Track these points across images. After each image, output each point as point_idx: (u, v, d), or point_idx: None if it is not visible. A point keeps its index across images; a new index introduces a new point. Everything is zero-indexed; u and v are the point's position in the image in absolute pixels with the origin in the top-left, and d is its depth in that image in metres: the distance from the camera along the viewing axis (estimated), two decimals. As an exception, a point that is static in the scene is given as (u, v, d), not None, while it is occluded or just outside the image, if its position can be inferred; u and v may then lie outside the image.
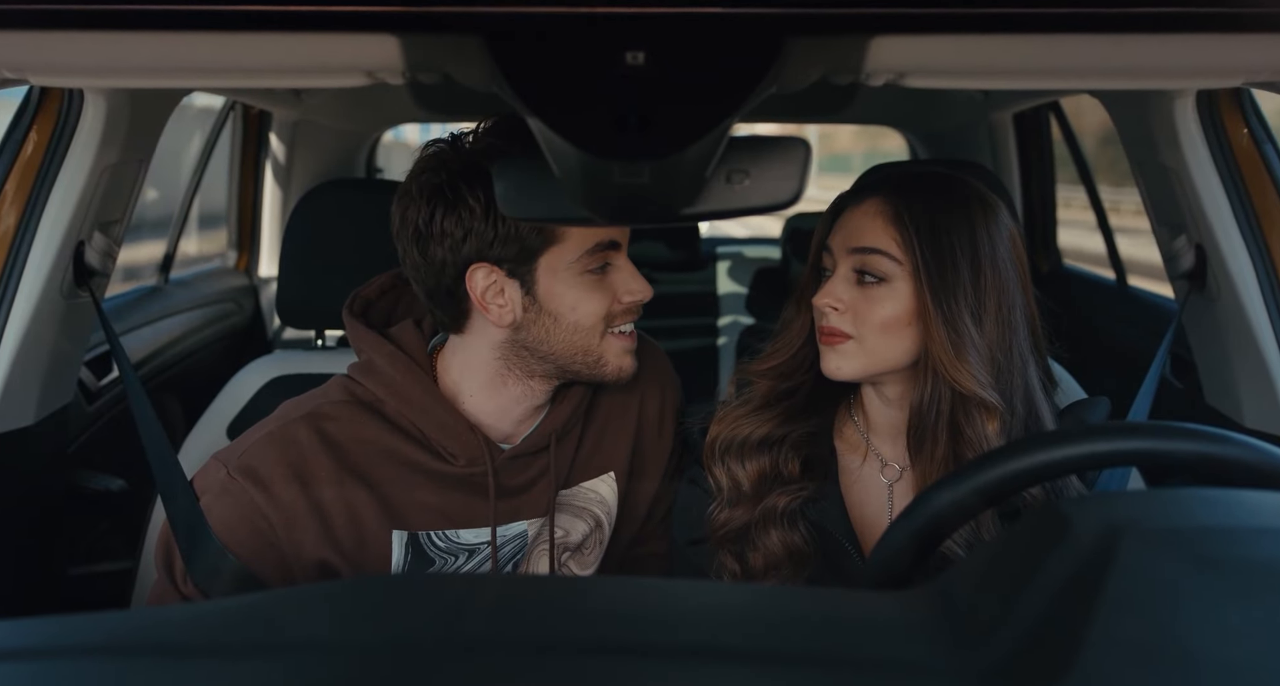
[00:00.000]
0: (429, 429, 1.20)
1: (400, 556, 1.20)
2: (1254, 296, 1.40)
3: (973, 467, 0.82)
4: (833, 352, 1.16)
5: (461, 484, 1.22)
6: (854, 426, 1.26)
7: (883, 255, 1.13)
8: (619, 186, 0.75)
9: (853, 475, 1.24)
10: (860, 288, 1.15)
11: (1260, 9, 0.75)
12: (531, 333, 1.18)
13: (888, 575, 0.81)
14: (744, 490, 1.21)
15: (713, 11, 0.68)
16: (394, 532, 1.20)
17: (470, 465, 1.21)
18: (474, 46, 0.70)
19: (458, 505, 1.22)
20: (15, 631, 0.52)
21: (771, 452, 1.21)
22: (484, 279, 1.16)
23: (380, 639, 0.50)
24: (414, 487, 1.20)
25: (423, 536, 1.21)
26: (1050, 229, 2.78)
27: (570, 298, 1.17)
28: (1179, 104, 1.41)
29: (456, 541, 1.23)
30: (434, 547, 1.22)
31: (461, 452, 1.21)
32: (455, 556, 1.23)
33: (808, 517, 1.20)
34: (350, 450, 1.19)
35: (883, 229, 1.14)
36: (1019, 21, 0.72)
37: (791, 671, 0.48)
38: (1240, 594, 0.51)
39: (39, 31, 0.76)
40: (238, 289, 2.75)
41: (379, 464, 1.19)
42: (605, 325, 1.19)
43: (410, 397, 1.21)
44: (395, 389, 1.21)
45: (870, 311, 1.13)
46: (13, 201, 1.42)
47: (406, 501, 1.20)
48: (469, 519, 1.22)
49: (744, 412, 1.23)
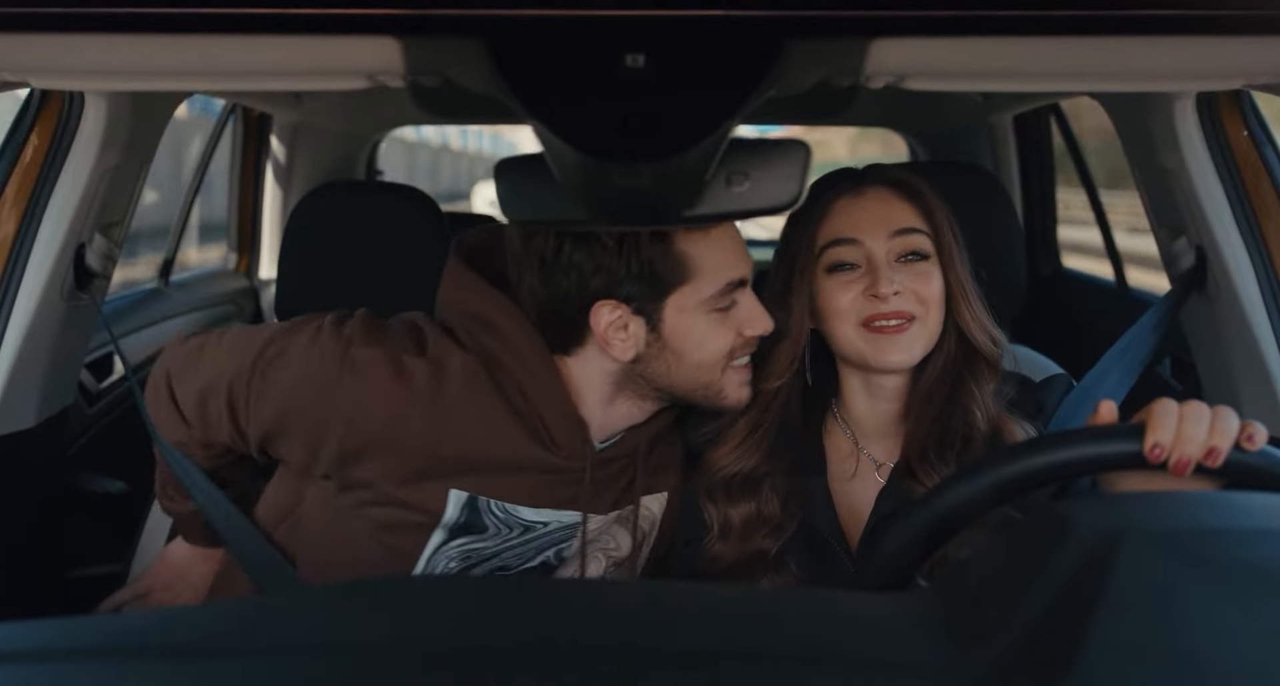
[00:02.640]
0: (547, 411, 1.16)
1: (455, 513, 1.17)
2: (1253, 297, 1.40)
3: (976, 469, 0.83)
4: (898, 340, 1.15)
5: (553, 472, 1.19)
6: (841, 432, 1.25)
7: (921, 233, 1.17)
8: (619, 189, 0.75)
9: (844, 480, 1.23)
10: (907, 267, 1.16)
11: (1259, 12, 0.75)
12: (652, 366, 1.15)
13: (886, 575, 0.81)
14: (734, 527, 1.20)
15: (712, 14, 0.68)
16: (451, 491, 1.16)
17: (569, 459, 1.18)
18: (474, 49, 0.70)
19: (532, 484, 1.19)
20: (15, 633, 0.52)
21: (751, 496, 1.20)
22: (609, 314, 1.12)
23: (380, 639, 0.50)
24: (501, 465, 1.17)
25: (484, 502, 1.18)
26: (1050, 231, 2.78)
27: (697, 335, 1.13)
28: (1179, 106, 1.41)
29: (515, 514, 1.20)
30: (491, 514, 1.19)
31: (566, 444, 1.17)
32: (510, 528, 1.20)
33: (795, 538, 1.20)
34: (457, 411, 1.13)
35: (910, 210, 1.18)
36: (1019, 24, 0.72)
37: (791, 671, 0.48)
38: (1240, 595, 0.51)
39: (40, 34, 0.76)
40: (238, 291, 2.75)
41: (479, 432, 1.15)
42: (727, 360, 1.16)
43: (537, 374, 1.16)
44: (523, 360, 1.15)
45: (927, 288, 1.16)
46: (13, 204, 1.42)
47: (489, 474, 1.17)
48: (534, 499, 1.19)
49: (729, 448, 1.22)
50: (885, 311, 1.14)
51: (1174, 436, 0.82)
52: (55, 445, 1.59)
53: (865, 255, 1.16)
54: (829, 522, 1.20)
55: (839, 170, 1.25)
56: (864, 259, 1.16)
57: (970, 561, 0.62)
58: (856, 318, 1.16)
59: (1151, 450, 0.81)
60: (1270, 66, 0.87)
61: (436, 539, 1.19)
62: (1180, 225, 1.49)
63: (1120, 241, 2.47)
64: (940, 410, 1.16)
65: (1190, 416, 0.83)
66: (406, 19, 0.71)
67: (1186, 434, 0.82)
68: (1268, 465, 0.82)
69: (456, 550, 1.20)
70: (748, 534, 1.19)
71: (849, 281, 1.16)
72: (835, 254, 1.17)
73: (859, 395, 1.23)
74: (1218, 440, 0.82)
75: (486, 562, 1.22)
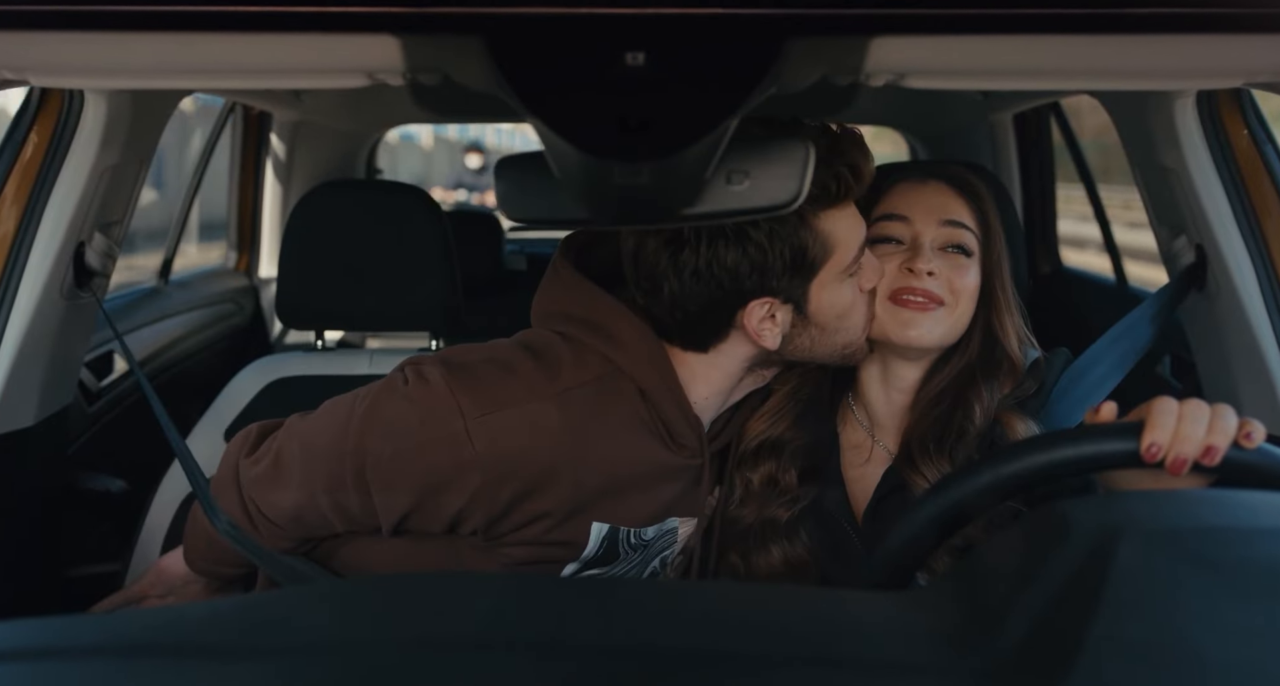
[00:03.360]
0: (670, 414, 1.14)
1: (595, 546, 1.14)
2: (1254, 296, 1.40)
3: (975, 467, 0.83)
4: (920, 317, 1.18)
5: (678, 475, 1.17)
6: (856, 422, 1.27)
7: (969, 230, 1.21)
8: (619, 187, 0.75)
9: (857, 467, 1.26)
10: (946, 256, 1.20)
11: (1260, 10, 0.75)
12: (796, 344, 1.15)
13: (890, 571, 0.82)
14: (754, 491, 1.23)
15: (712, 12, 0.68)
16: (594, 524, 1.13)
17: (692, 456, 1.17)
18: (474, 47, 0.70)
19: (667, 497, 1.17)
20: (15, 632, 0.52)
21: (776, 458, 1.23)
22: (760, 310, 1.11)
23: (380, 639, 0.50)
24: (639, 480, 1.14)
25: (622, 532, 1.15)
26: (1050, 229, 2.78)
27: (840, 306, 1.14)
28: (1179, 105, 1.41)
29: (645, 539, 1.18)
30: (625, 544, 1.16)
31: (690, 442, 1.16)
32: (638, 551, 1.18)
33: (811, 509, 1.21)
34: (595, 439, 1.10)
35: (964, 207, 1.22)
36: (1019, 22, 0.72)
37: (791, 671, 0.48)
38: (1239, 594, 0.51)
39: (40, 32, 0.76)
40: (238, 290, 2.75)
41: (618, 452, 1.12)
42: (869, 320, 1.18)
43: (659, 377, 1.14)
44: (644, 365, 1.13)
45: (962, 280, 1.19)
46: (13, 202, 1.41)
47: (627, 494, 1.14)
48: (664, 514, 1.18)
49: (762, 415, 1.25)
50: (916, 287, 1.17)
51: (1172, 435, 0.82)
52: (55, 444, 1.59)
53: (912, 234, 1.20)
54: (839, 504, 1.23)
55: (908, 161, 1.29)
56: (910, 237, 1.20)
57: (971, 561, 0.62)
58: (887, 289, 1.19)
59: (1148, 449, 0.82)
60: (1270, 64, 0.87)
61: (569, 571, 1.17)
62: (1180, 224, 1.49)
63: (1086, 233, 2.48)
64: (946, 403, 1.19)
65: (1189, 415, 0.83)
66: (406, 17, 0.71)
67: (1184, 433, 0.82)
68: (1265, 463, 0.82)
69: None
70: (764, 498, 1.22)
71: (889, 254, 1.20)
72: (883, 227, 1.21)
73: (875, 384, 1.26)
74: (1215, 438, 0.82)
75: None
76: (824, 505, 1.23)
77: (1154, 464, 0.82)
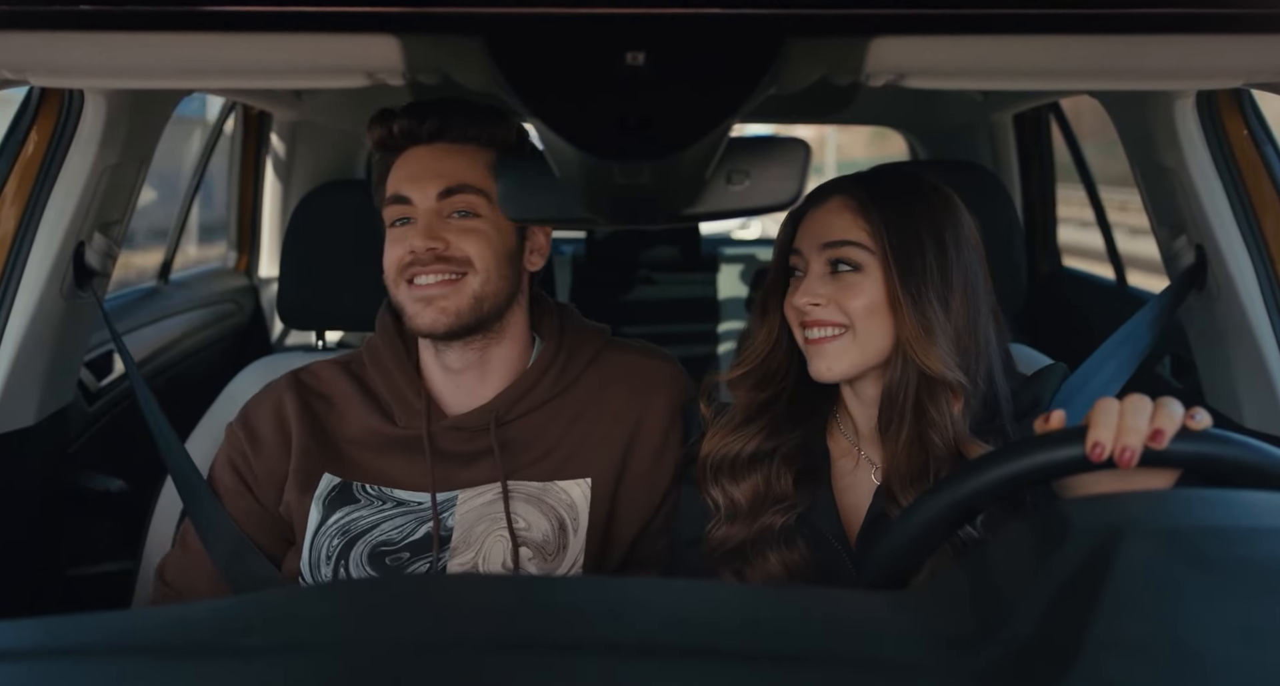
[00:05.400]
0: (385, 391, 1.31)
1: (324, 492, 1.28)
2: (1254, 296, 1.40)
3: (935, 489, 0.84)
4: (823, 352, 1.17)
5: (402, 446, 1.29)
6: (842, 434, 1.27)
7: (854, 245, 1.16)
8: (619, 187, 0.75)
9: (845, 478, 1.25)
10: (835, 279, 1.17)
11: (1260, 10, 0.75)
12: None
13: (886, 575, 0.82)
14: (740, 508, 1.21)
15: (712, 12, 0.68)
16: (325, 474, 1.29)
17: (406, 428, 1.29)
18: (474, 47, 0.70)
19: (399, 466, 1.29)
20: (15, 631, 0.52)
21: (763, 469, 1.21)
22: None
23: (380, 638, 0.50)
24: (364, 448, 1.30)
25: (356, 485, 1.29)
26: (1050, 230, 2.78)
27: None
28: (1179, 105, 1.41)
29: (390, 494, 1.29)
30: (364, 493, 1.29)
31: (402, 415, 1.30)
32: (384, 501, 1.28)
33: (802, 524, 1.20)
34: (316, 401, 1.33)
35: (851, 221, 1.17)
36: (1019, 22, 0.72)
37: (791, 671, 0.48)
38: (1240, 593, 0.51)
39: (40, 32, 0.76)
40: (238, 289, 2.75)
41: (337, 416, 1.32)
42: (397, 275, 1.26)
43: (379, 360, 1.33)
44: (372, 353, 1.34)
45: (851, 299, 1.16)
46: (13, 202, 1.41)
47: (353, 455, 1.30)
48: (406, 481, 1.28)
49: (729, 429, 1.23)
50: (809, 320, 1.17)
51: (1115, 431, 0.82)
52: (55, 443, 1.59)
53: (805, 264, 1.19)
54: (830, 518, 1.21)
55: (835, 180, 1.27)
56: (805, 268, 1.19)
57: (971, 561, 0.62)
58: (796, 321, 1.19)
59: (1092, 449, 0.82)
60: (1271, 64, 0.87)
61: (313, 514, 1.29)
62: (1180, 224, 1.49)
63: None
64: (910, 434, 1.16)
65: (1130, 409, 0.84)
66: (406, 17, 0.71)
67: (1127, 425, 0.82)
68: (1220, 448, 0.82)
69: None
70: (756, 511, 1.20)
71: (794, 287, 1.20)
72: (790, 261, 1.21)
73: (849, 396, 1.25)
74: (1160, 423, 0.83)
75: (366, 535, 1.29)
76: (815, 522, 1.21)
77: (1102, 463, 0.82)
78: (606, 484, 1.31)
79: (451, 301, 1.23)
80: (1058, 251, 2.77)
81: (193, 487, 1.32)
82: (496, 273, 1.26)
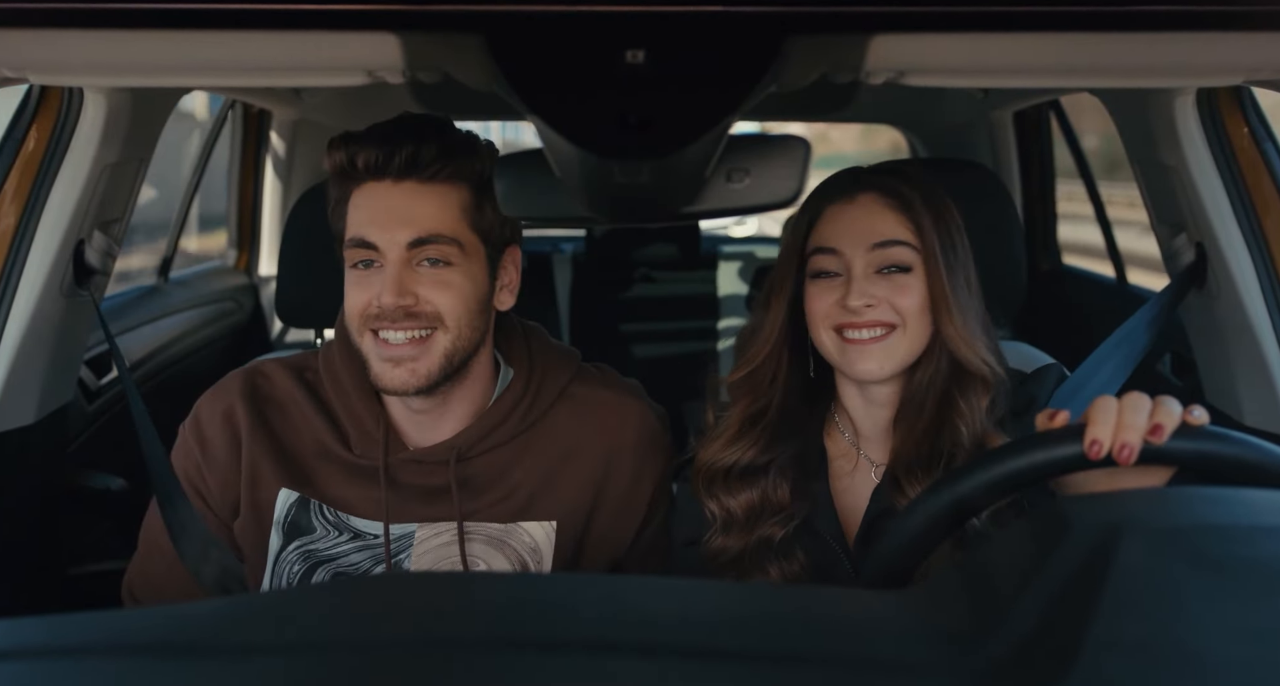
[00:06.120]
0: (342, 413, 1.25)
1: (281, 514, 1.23)
2: (1254, 294, 1.40)
3: (935, 488, 0.84)
4: (869, 353, 1.15)
5: (359, 473, 1.23)
6: (840, 434, 1.26)
7: (903, 245, 1.16)
8: (619, 185, 0.75)
9: (843, 479, 1.24)
10: (885, 279, 1.16)
11: (1260, 7, 0.75)
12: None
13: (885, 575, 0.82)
14: (736, 519, 1.20)
15: (712, 10, 0.68)
16: (282, 490, 1.23)
17: (363, 456, 1.23)
18: (474, 45, 0.70)
19: (355, 493, 1.23)
20: (15, 630, 0.52)
21: (759, 481, 1.19)
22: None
23: (380, 638, 0.50)
24: (319, 463, 1.24)
25: (313, 504, 1.23)
26: (1050, 227, 2.78)
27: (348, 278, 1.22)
28: (1179, 102, 1.41)
29: (346, 521, 1.24)
30: (321, 517, 1.23)
31: (359, 441, 1.24)
32: (341, 532, 1.23)
33: (800, 527, 1.20)
34: (269, 409, 1.25)
35: (896, 220, 1.16)
36: (1019, 20, 0.72)
37: (791, 671, 0.48)
38: (1241, 592, 0.51)
39: (39, 30, 0.76)
40: (237, 288, 2.75)
41: (292, 428, 1.24)
42: (361, 323, 1.19)
43: (337, 379, 1.25)
44: (330, 369, 1.26)
45: (904, 298, 1.15)
46: (13, 200, 1.41)
47: (309, 468, 1.24)
48: (363, 509, 1.23)
49: (725, 441, 1.21)
50: (857, 322, 1.15)
51: (1113, 428, 0.82)
52: (55, 442, 1.59)
53: (844, 265, 1.16)
54: (828, 519, 1.20)
55: (842, 172, 1.25)
56: (843, 268, 1.16)
57: (971, 559, 0.62)
58: (831, 323, 1.17)
59: (1090, 447, 0.82)
60: (1271, 62, 0.87)
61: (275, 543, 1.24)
62: (1180, 222, 1.49)
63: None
64: (929, 424, 1.16)
65: (1129, 406, 0.84)
66: (406, 14, 0.71)
67: (1126, 422, 0.83)
68: (1216, 445, 0.82)
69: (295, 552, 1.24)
70: (752, 522, 1.19)
71: (828, 288, 1.17)
72: (818, 262, 1.18)
73: (854, 398, 1.23)
74: (1160, 419, 0.83)
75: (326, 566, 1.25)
76: (814, 524, 1.20)
77: (1101, 460, 0.82)
78: (573, 527, 1.26)
79: (422, 363, 1.16)
80: (1058, 249, 2.77)
81: (168, 488, 1.27)
82: (468, 326, 1.18)
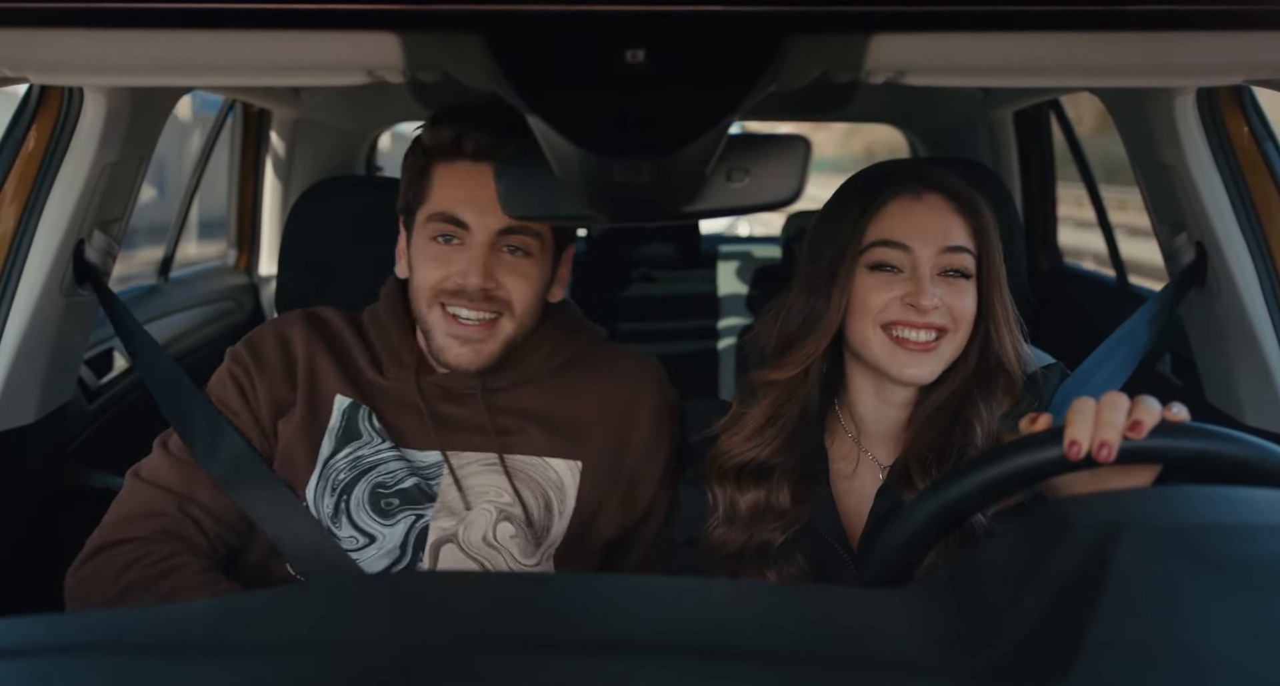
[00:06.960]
0: (377, 343, 1.31)
1: (337, 421, 1.28)
2: (1254, 294, 1.40)
3: (922, 496, 0.84)
4: (923, 358, 1.14)
5: (393, 399, 1.28)
6: (843, 435, 1.25)
7: (968, 253, 1.16)
8: (619, 184, 0.75)
9: (844, 481, 1.23)
10: (947, 282, 1.15)
11: (1260, 7, 0.75)
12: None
13: (885, 573, 0.82)
14: (740, 514, 1.20)
15: (712, 9, 0.68)
16: (338, 395, 1.28)
17: (395, 379, 1.29)
18: (474, 44, 0.70)
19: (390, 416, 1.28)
20: (15, 629, 0.52)
21: (767, 482, 1.19)
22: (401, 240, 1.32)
23: (380, 637, 0.50)
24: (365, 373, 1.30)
25: (363, 410, 1.28)
26: (1050, 227, 2.78)
27: (417, 252, 1.27)
28: (1179, 101, 1.41)
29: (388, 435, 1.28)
30: (369, 424, 1.28)
31: (391, 366, 1.30)
32: (384, 438, 1.27)
33: (802, 530, 1.19)
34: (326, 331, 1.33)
35: (962, 226, 1.17)
36: (1019, 19, 0.72)
37: (791, 671, 0.48)
38: (1241, 591, 0.51)
39: (39, 29, 0.76)
40: (237, 287, 2.74)
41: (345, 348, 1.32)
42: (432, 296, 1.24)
43: (377, 316, 1.33)
44: (373, 316, 1.34)
45: (962, 304, 1.15)
46: (13, 199, 1.41)
47: (361, 380, 1.30)
48: (399, 434, 1.28)
49: (747, 434, 1.20)
50: (918, 322, 1.14)
51: (1091, 428, 0.83)
52: (55, 441, 1.59)
53: (911, 262, 1.15)
54: (829, 521, 1.20)
55: (900, 162, 1.25)
56: (909, 265, 1.15)
57: (971, 559, 0.62)
58: (884, 319, 1.15)
59: (1070, 448, 0.82)
60: (1271, 61, 0.87)
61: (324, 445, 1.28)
62: (1180, 221, 1.49)
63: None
64: (945, 423, 1.16)
65: (1107, 405, 0.84)
66: (406, 14, 0.71)
67: (1104, 420, 0.83)
68: (1197, 440, 0.82)
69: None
70: (754, 523, 1.19)
71: (889, 282, 1.15)
72: (881, 253, 1.16)
73: (867, 396, 1.22)
74: (1138, 415, 0.83)
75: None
76: (814, 525, 1.19)
77: (1082, 461, 0.82)
78: (598, 469, 1.30)
79: (487, 346, 1.23)
80: (1058, 249, 2.77)
81: (183, 401, 1.32)
82: (530, 315, 1.25)
